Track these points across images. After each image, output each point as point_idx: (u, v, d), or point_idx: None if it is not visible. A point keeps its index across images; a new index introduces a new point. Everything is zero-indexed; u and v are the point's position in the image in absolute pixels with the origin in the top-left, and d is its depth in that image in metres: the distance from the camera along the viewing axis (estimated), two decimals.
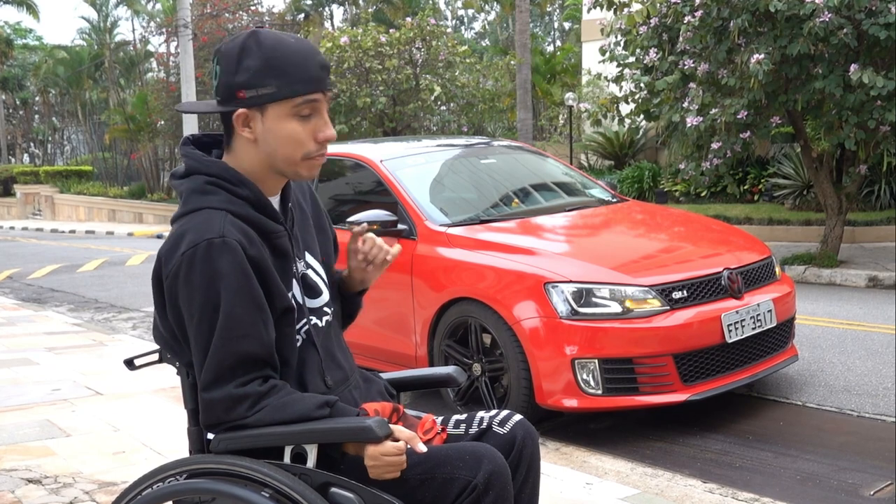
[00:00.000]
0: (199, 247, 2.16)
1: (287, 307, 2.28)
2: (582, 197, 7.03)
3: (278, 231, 2.32)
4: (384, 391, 2.60)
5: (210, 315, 2.17)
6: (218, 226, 2.19)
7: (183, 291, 2.19)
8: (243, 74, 2.20)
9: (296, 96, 2.20)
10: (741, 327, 5.43)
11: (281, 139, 2.23)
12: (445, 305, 5.73)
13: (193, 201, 2.26)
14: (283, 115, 2.22)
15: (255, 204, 2.28)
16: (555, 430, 5.53)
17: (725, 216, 14.71)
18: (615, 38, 11.79)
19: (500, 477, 2.23)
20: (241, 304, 2.17)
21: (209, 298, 2.16)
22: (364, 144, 7.46)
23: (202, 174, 2.29)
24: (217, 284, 2.16)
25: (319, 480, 2.21)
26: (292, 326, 2.32)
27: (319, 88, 2.23)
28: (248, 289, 2.18)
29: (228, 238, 2.17)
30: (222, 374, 2.17)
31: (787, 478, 4.65)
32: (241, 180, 2.27)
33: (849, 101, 9.60)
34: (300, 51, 2.21)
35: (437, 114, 20.85)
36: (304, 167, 2.28)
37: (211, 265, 2.16)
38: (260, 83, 2.19)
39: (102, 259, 18.17)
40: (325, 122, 2.26)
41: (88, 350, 8.13)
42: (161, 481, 2.32)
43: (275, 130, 2.23)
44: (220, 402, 2.18)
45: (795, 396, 6.02)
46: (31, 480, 4.52)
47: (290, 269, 2.35)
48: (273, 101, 2.20)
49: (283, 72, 2.19)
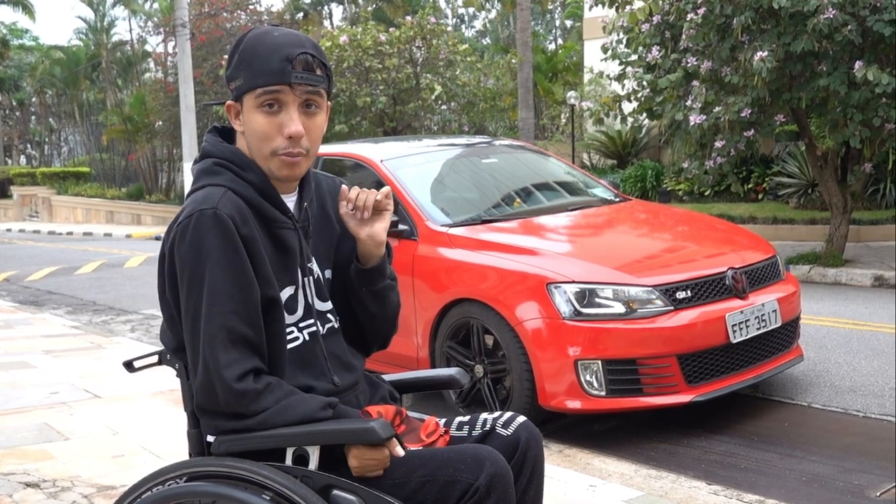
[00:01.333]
0: (192, 217, 2.20)
1: (272, 297, 2.28)
2: (584, 196, 7.02)
3: (282, 221, 2.34)
4: (388, 396, 2.60)
5: (197, 287, 2.19)
6: (214, 199, 2.23)
7: (176, 263, 2.23)
8: (228, 68, 2.33)
9: (256, 87, 2.25)
10: (746, 327, 5.43)
11: (251, 131, 2.30)
12: (447, 306, 5.73)
13: (200, 180, 2.33)
14: (250, 106, 2.28)
15: (261, 190, 2.31)
16: (558, 431, 5.53)
17: (729, 215, 14.71)
18: (617, 35, 11.79)
19: (501, 479, 2.23)
20: (226, 278, 2.18)
21: (197, 270, 2.19)
22: (364, 144, 7.47)
23: (214, 157, 2.35)
24: (204, 255, 2.18)
25: (321, 483, 2.21)
26: (281, 322, 2.32)
27: (281, 81, 2.23)
28: (237, 264, 2.20)
29: (220, 211, 2.20)
30: (215, 348, 2.17)
31: (793, 479, 4.65)
32: (249, 165, 2.32)
33: (853, 99, 9.60)
34: (272, 44, 2.25)
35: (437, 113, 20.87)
36: (275, 164, 2.30)
37: (200, 234, 2.19)
38: (236, 75, 2.29)
39: (100, 261, 18.18)
40: (290, 117, 2.26)
41: (86, 353, 8.13)
42: (161, 484, 2.32)
43: (247, 122, 2.30)
44: (221, 386, 2.17)
45: (801, 397, 6.02)
46: (29, 484, 4.53)
47: (292, 264, 2.36)
48: (244, 93, 2.27)
49: (249, 64, 2.26)
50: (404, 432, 2.41)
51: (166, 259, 2.26)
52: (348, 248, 2.52)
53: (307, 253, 2.41)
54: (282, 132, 2.26)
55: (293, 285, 2.37)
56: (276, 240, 2.33)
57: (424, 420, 2.51)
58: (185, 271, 2.20)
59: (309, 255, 2.42)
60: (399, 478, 2.24)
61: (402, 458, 2.24)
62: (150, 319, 10.54)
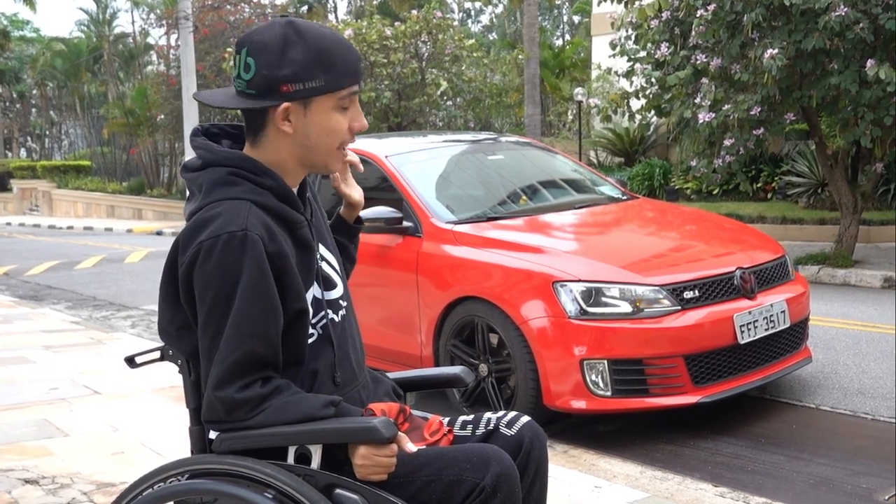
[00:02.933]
0: (220, 238, 2.17)
1: (301, 309, 2.28)
2: (591, 194, 7.02)
3: (300, 221, 2.34)
4: (391, 392, 2.60)
5: (222, 309, 2.17)
6: (242, 218, 2.19)
7: (198, 281, 2.20)
8: (289, 67, 2.20)
9: (342, 89, 2.25)
10: (754, 328, 5.42)
11: (324, 131, 2.28)
12: (451, 304, 5.73)
13: (217, 193, 2.26)
14: (328, 107, 2.26)
15: (279, 194, 2.30)
16: (563, 432, 5.53)
17: (738, 214, 14.68)
18: (626, 32, 11.78)
19: (508, 479, 2.23)
20: (253, 301, 2.17)
21: (223, 292, 2.17)
22: (368, 140, 7.47)
23: (222, 165, 2.30)
24: (232, 279, 2.16)
25: (324, 482, 2.21)
26: (305, 328, 2.32)
27: (359, 80, 2.30)
28: (263, 286, 2.18)
29: (251, 232, 2.18)
30: (228, 370, 2.17)
31: (800, 482, 4.65)
32: (264, 170, 2.29)
33: (865, 98, 9.58)
34: (342, 42, 2.26)
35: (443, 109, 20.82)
36: (336, 158, 2.36)
37: (229, 258, 2.16)
38: (308, 76, 2.21)
39: (101, 256, 18.20)
40: (359, 111, 2.33)
41: (87, 348, 8.14)
42: (162, 481, 2.33)
43: (319, 123, 2.27)
44: (223, 402, 2.19)
45: (809, 399, 6.02)
46: (28, 481, 4.53)
47: (312, 262, 2.37)
48: (319, 95, 2.24)
49: (331, 65, 2.22)
50: (407, 430, 2.41)
51: (182, 272, 2.22)
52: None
53: (316, 245, 2.42)
54: (351, 127, 2.31)
55: (315, 282, 2.38)
56: (299, 242, 2.33)
57: (428, 419, 2.51)
58: (210, 291, 2.18)
59: (317, 246, 2.43)
60: (403, 476, 2.24)
61: (406, 457, 2.24)
62: (150, 315, 10.54)
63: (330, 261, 2.49)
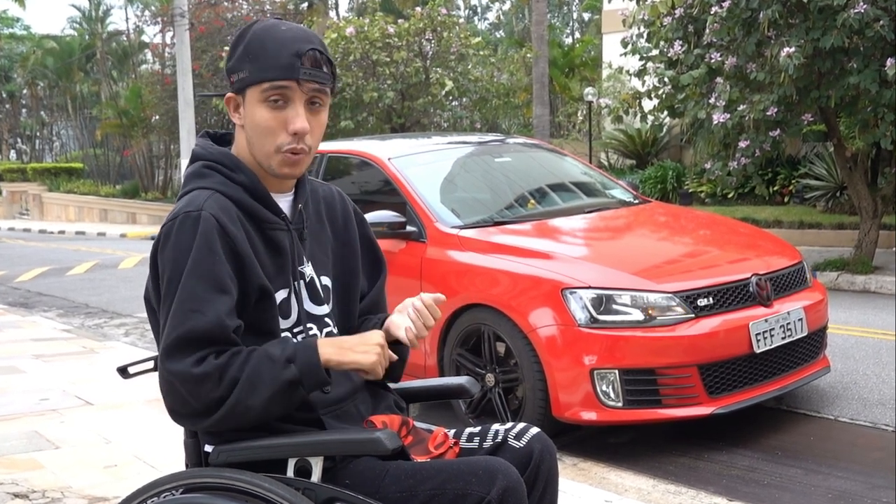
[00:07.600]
0: (176, 220, 2.27)
1: (262, 286, 2.31)
2: (602, 198, 7.03)
3: (274, 222, 2.39)
4: (393, 406, 2.60)
5: (173, 287, 2.23)
6: (200, 200, 2.29)
7: (159, 264, 2.29)
8: (230, 60, 2.39)
9: (263, 81, 2.30)
10: (770, 337, 5.42)
11: (254, 125, 2.34)
12: (457, 312, 5.72)
13: (190, 184, 2.39)
14: (255, 100, 2.33)
15: (252, 191, 2.37)
16: (572, 444, 5.53)
17: (754, 219, 14.68)
18: (638, 29, 11.80)
19: (514, 493, 2.23)
20: (198, 277, 2.21)
21: (176, 270, 2.24)
22: (371, 141, 7.48)
23: (203, 160, 2.42)
24: (182, 257, 2.23)
25: (324, 495, 2.21)
26: (275, 319, 2.35)
27: (290, 76, 2.29)
28: (209, 264, 2.23)
29: (204, 212, 2.26)
30: (173, 343, 2.20)
31: (818, 496, 4.65)
32: (239, 166, 2.39)
33: (885, 98, 9.57)
34: (280, 38, 2.31)
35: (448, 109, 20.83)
36: (278, 161, 2.35)
37: (182, 237, 2.25)
38: (239, 68, 2.34)
39: (93, 262, 18.23)
40: (297, 113, 2.32)
41: (78, 357, 8.15)
42: (156, 496, 2.33)
43: (250, 116, 2.35)
44: (180, 379, 2.19)
45: (827, 410, 6.01)
46: (17, 495, 4.54)
47: (285, 266, 2.41)
48: (248, 86, 2.32)
49: (255, 57, 2.31)
50: (411, 444, 2.42)
51: (150, 261, 2.33)
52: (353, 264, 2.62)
53: (300, 254, 2.45)
54: (287, 128, 2.32)
55: (286, 288, 2.41)
56: (269, 241, 2.38)
57: (432, 431, 2.51)
58: (166, 272, 2.26)
59: (302, 256, 2.46)
60: (406, 490, 2.24)
61: (410, 470, 2.25)
62: (145, 323, 10.55)
63: (321, 282, 2.51)
